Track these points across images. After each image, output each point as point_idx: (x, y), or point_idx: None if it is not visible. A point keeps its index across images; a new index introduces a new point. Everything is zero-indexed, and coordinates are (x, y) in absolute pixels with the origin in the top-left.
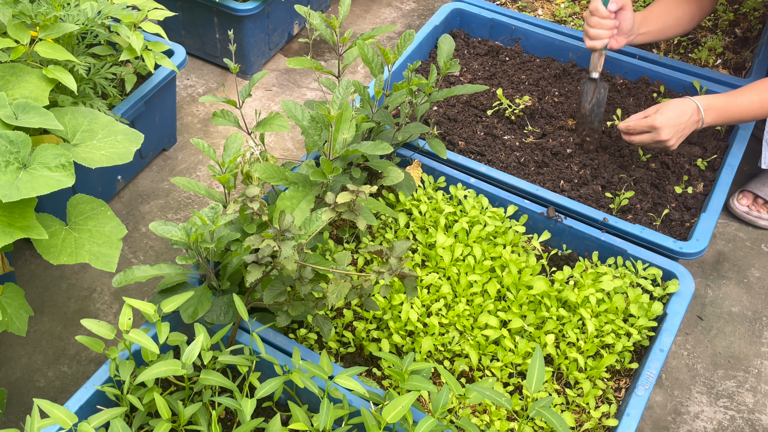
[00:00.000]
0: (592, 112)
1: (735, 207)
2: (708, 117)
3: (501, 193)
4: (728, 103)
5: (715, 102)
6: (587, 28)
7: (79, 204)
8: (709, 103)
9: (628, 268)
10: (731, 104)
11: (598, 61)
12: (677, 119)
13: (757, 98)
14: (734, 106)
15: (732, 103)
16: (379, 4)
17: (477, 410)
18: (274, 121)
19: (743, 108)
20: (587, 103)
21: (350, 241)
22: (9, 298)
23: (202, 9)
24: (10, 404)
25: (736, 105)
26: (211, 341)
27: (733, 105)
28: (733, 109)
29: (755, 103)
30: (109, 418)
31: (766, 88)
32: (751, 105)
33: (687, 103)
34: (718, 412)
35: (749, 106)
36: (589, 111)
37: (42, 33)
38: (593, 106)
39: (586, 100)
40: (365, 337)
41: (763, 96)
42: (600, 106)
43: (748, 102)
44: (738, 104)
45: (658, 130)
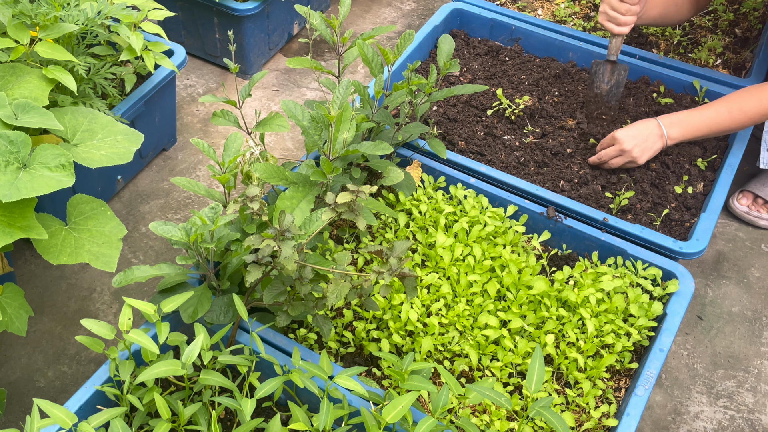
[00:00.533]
0: (610, 92)
1: (735, 207)
2: (672, 131)
3: (501, 193)
4: (692, 116)
5: (678, 117)
6: (615, 14)
7: (79, 204)
8: (672, 119)
9: (628, 268)
10: (696, 118)
11: (620, 44)
12: (637, 132)
13: (725, 110)
14: (699, 119)
15: (696, 117)
16: (379, 4)
17: (477, 410)
18: (274, 121)
19: (711, 120)
20: (604, 83)
21: (350, 241)
22: (9, 298)
23: (202, 9)
24: (10, 404)
25: (702, 118)
26: (211, 341)
27: (698, 118)
28: (699, 122)
29: (723, 115)
30: (109, 418)
31: (734, 100)
32: (718, 117)
33: (649, 121)
34: (717, 412)
35: (716, 118)
36: (607, 91)
37: (42, 33)
38: (612, 87)
39: (602, 80)
40: (365, 337)
41: (732, 107)
42: (619, 86)
43: (714, 114)
44: (704, 117)
45: (619, 140)
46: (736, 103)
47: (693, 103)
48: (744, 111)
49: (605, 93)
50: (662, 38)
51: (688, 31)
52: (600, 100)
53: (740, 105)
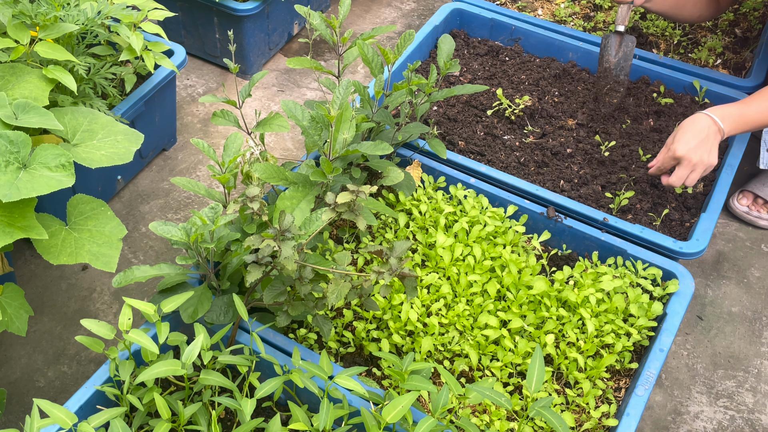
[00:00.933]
0: (617, 66)
1: (735, 207)
2: (727, 126)
3: (501, 193)
4: (742, 110)
5: (729, 110)
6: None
7: (79, 204)
8: (723, 112)
9: (628, 268)
10: (745, 111)
11: (626, 13)
12: (695, 139)
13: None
14: (747, 113)
15: (746, 111)
16: (379, 4)
17: (477, 410)
18: (274, 121)
19: (757, 113)
20: (612, 56)
21: (350, 241)
22: (9, 298)
23: (202, 9)
24: (10, 404)
25: (749, 111)
26: (211, 341)
27: (748, 112)
28: (750, 115)
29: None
30: (109, 418)
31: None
32: (765, 110)
33: (700, 119)
34: (717, 412)
35: (764, 111)
36: (615, 64)
37: (42, 33)
38: (620, 60)
39: (610, 53)
40: (365, 337)
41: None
42: (627, 59)
43: (761, 107)
44: (753, 111)
45: (683, 158)
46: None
47: (693, 103)
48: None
49: (613, 66)
50: (662, 38)
51: (688, 31)
52: (609, 75)
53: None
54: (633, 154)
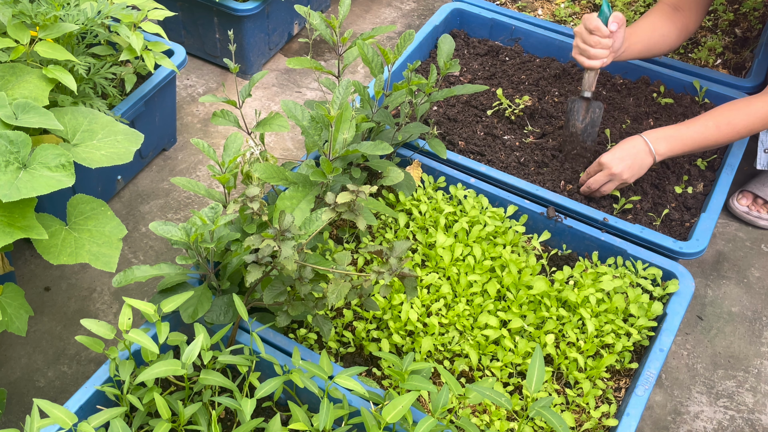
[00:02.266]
0: (584, 132)
1: (735, 207)
2: (659, 147)
3: (501, 193)
4: (678, 131)
5: (665, 132)
6: (585, 47)
7: (79, 204)
8: (658, 134)
9: (628, 268)
10: (683, 132)
11: (593, 79)
12: (623, 152)
13: (713, 124)
14: (687, 134)
15: (683, 132)
16: (379, 4)
17: (477, 410)
18: (274, 121)
19: (699, 135)
20: (578, 122)
21: (350, 241)
22: (9, 298)
23: (202, 9)
24: (10, 404)
25: (689, 133)
26: (211, 341)
27: (686, 133)
28: (687, 137)
29: (710, 129)
30: (109, 418)
31: (722, 114)
32: (706, 131)
33: (634, 139)
34: (718, 412)
35: (704, 132)
36: (582, 130)
37: (42, 33)
38: (587, 126)
39: (577, 119)
40: (365, 337)
41: (719, 121)
42: (594, 126)
43: (702, 128)
44: (691, 132)
45: (606, 165)
46: (724, 117)
47: (693, 103)
48: (732, 125)
49: (580, 132)
50: None
51: None
52: (575, 140)
53: (728, 119)
54: None
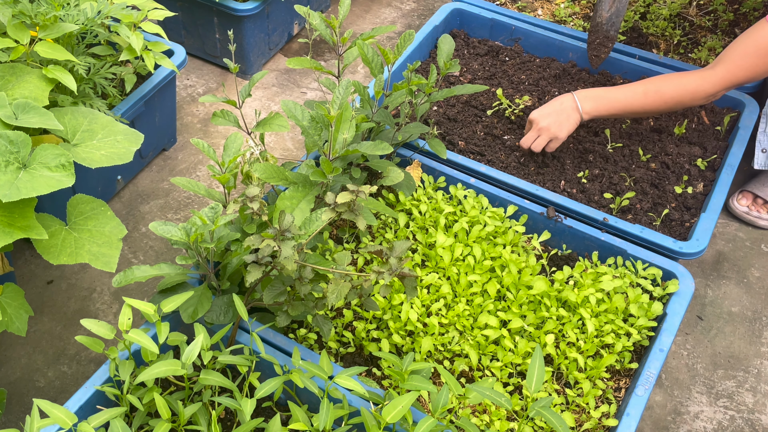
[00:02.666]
0: (609, 21)
1: (735, 207)
2: (586, 105)
3: (501, 193)
4: (608, 93)
5: (594, 92)
6: None
7: (79, 204)
8: (587, 93)
9: (628, 268)
10: (611, 94)
11: None
12: (550, 107)
13: (641, 90)
14: (614, 96)
15: (612, 93)
16: (379, 4)
17: (477, 410)
18: (274, 121)
19: (626, 99)
20: (605, 11)
21: (350, 241)
22: (9, 298)
23: (202, 9)
24: (10, 404)
25: (617, 95)
26: (210, 341)
27: (613, 95)
28: (614, 98)
29: (638, 95)
30: (109, 418)
31: (653, 82)
32: (634, 96)
33: (564, 96)
34: (717, 412)
35: (632, 97)
36: (606, 20)
37: (42, 33)
38: (611, 15)
39: (603, 8)
40: (365, 337)
41: (648, 89)
42: (619, 15)
43: (630, 93)
44: (619, 94)
45: (535, 121)
46: (653, 85)
47: None
48: (660, 94)
49: (605, 21)
50: (662, 38)
51: (688, 31)
52: (600, 29)
53: (657, 88)
54: (633, 154)
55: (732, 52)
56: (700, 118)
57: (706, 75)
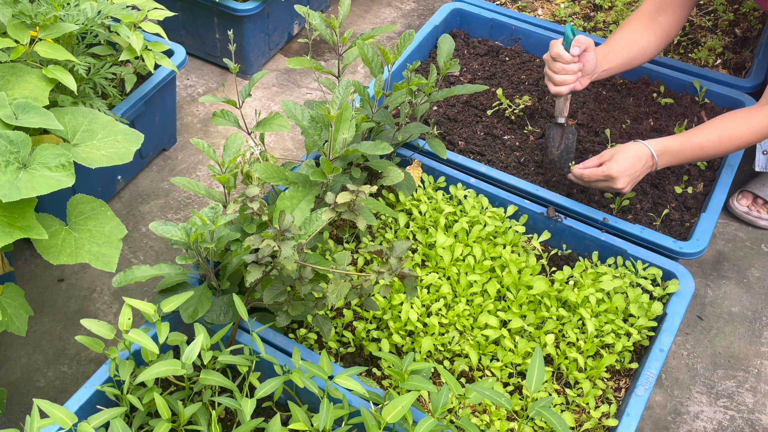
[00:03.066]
0: (561, 158)
1: (735, 207)
2: (662, 161)
3: (501, 193)
4: (683, 144)
5: (670, 144)
6: (551, 74)
7: (79, 204)
8: (664, 146)
9: (628, 268)
10: (686, 145)
11: (564, 105)
12: (632, 168)
13: (716, 136)
14: (689, 147)
15: (687, 144)
16: (379, 4)
17: (477, 410)
18: (274, 121)
19: (700, 147)
20: (555, 149)
21: (350, 241)
22: (9, 298)
23: (202, 9)
24: (10, 404)
25: (692, 145)
26: (211, 341)
27: (689, 146)
28: (689, 150)
29: (713, 141)
30: (109, 418)
31: (723, 127)
32: (708, 144)
33: (641, 148)
34: (718, 412)
35: (706, 144)
36: (558, 157)
37: (42, 33)
38: (562, 152)
39: (554, 145)
40: (365, 337)
41: (722, 134)
42: (569, 152)
43: (705, 141)
44: (694, 144)
45: (615, 179)
46: (725, 130)
47: (693, 103)
48: (733, 139)
49: (557, 159)
50: None
51: (688, 31)
52: (554, 167)
53: (730, 133)
54: None
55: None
56: (700, 118)
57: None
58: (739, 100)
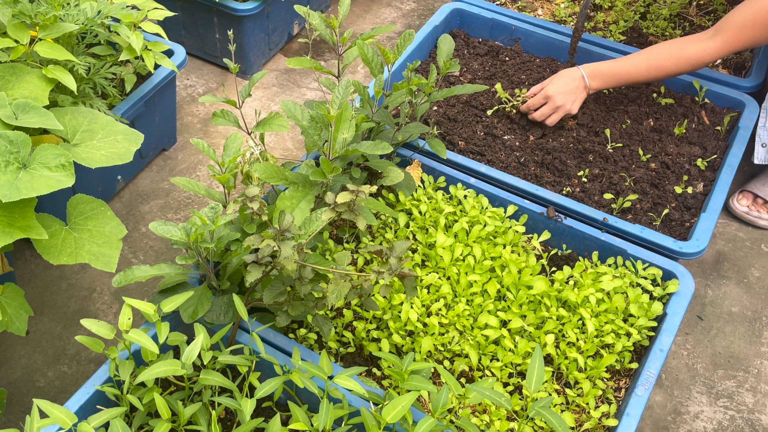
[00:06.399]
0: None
1: (735, 207)
2: (593, 82)
3: (501, 193)
4: (612, 68)
5: (600, 68)
6: None
7: (79, 204)
8: (594, 69)
9: (628, 268)
10: (615, 70)
11: None
12: (566, 86)
13: (644, 65)
14: (619, 71)
15: (617, 69)
16: (379, 4)
17: (477, 410)
18: (274, 121)
19: (628, 72)
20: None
21: (350, 241)
22: (9, 298)
23: (202, 9)
24: (10, 404)
25: (621, 70)
26: (210, 341)
27: (618, 70)
28: (618, 74)
29: (641, 68)
30: (109, 418)
31: (653, 55)
32: (636, 69)
33: (574, 71)
34: (717, 412)
35: (634, 70)
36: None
37: (42, 33)
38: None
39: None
40: (365, 337)
41: (650, 62)
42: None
43: (633, 67)
44: (623, 70)
45: (552, 98)
46: (654, 59)
47: (693, 103)
48: (661, 68)
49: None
50: (662, 38)
51: (688, 31)
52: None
53: (659, 62)
54: (633, 154)
55: (731, 23)
56: (700, 118)
57: (705, 46)
58: (740, 100)
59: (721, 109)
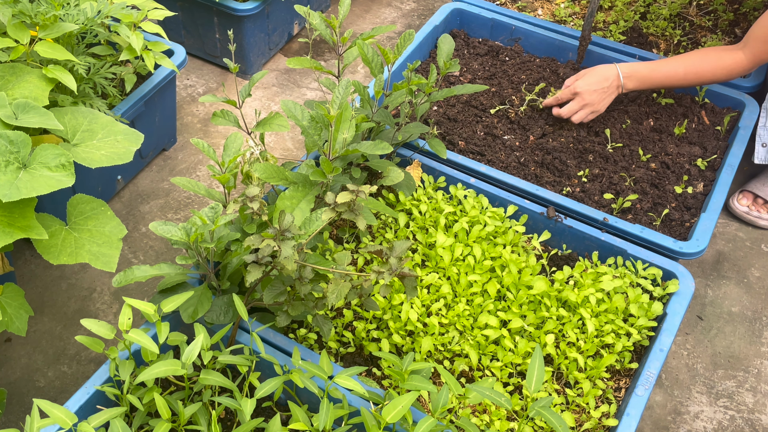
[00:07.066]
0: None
1: (735, 207)
2: (629, 83)
3: (501, 193)
4: (651, 71)
5: (638, 69)
6: None
7: (79, 204)
8: (632, 70)
9: (628, 268)
10: (654, 73)
11: None
12: (598, 84)
13: (682, 68)
14: (657, 74)
15: (656, 72)
16: (379, 4)
17: (477, 410)
18: (274, 121)
19: (666, 76)
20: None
21: (350, 241)
22: (9, 298)
23: (202, 9)
24: (10, 404)
25: (659, 73)
26: (211, 341)
27: (656, 74)
28: (656, 77)
29: (679, 73)
30: (109, 418)
31: (692, 61)
32: (674, 74)
33: (609, 69)
34: (718, 412)
35: (672, 74)
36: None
37: (42, 33)
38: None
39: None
40: (365, 337)
41: (688, 68)
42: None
43: (671, 71)
44: (661, 73)
45: (581, 94)
46: (693, 66)
47: (693, 103)
48: (699, 75)
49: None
50: (662, 38)
51: (688, 31)
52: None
53: (696, 68)
54: (633, 154)
55: (754, 35)
56: (700, 118)
57: (738, 58)
58: (740, 100)
59: (721, 109)
